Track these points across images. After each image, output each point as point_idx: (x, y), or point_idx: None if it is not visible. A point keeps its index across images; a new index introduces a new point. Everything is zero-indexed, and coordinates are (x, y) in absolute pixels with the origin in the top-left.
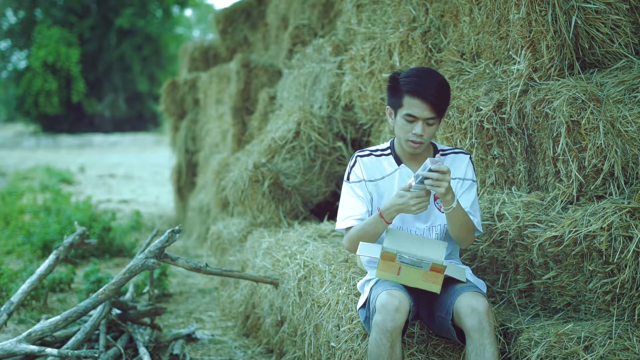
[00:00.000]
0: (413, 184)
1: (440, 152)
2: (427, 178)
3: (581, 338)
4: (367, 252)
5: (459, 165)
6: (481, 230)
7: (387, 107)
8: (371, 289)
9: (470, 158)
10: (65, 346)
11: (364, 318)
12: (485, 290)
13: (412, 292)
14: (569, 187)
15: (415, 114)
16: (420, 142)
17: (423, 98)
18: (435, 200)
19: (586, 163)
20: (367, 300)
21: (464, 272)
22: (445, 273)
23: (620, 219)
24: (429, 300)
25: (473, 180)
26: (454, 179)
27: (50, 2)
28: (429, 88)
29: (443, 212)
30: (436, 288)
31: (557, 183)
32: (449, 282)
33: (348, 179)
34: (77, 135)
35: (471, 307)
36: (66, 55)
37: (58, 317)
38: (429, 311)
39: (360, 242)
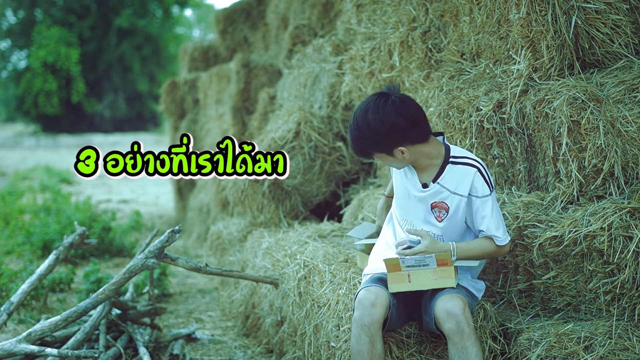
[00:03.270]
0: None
1: (451, 160)
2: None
3: (581, 338)
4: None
5: (462, 180)
6: (506, 242)
7: None
8: None
9: (479, 170)
10: (65, 346)
11: None
12: (483, 291)
13: (403, 295)
14: (569, 187)
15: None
16: (394, 168)
17: (351, 149)
18: (432, 209)
19: (586, 163)
20: None
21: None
22: (455, 264)
23: (620, 219)
24: (418, 303)
25: (484, 195)
26: (456, 194)
27: (50, 2)
28: (351, 139)
29: (439, 225)
30: (451, 282)
31: (557, 183)
32: None
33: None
34: (77, 135)
35: (446, 311)
36: (66, 55)
37: (58, 317)
38: (420, 314)
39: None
